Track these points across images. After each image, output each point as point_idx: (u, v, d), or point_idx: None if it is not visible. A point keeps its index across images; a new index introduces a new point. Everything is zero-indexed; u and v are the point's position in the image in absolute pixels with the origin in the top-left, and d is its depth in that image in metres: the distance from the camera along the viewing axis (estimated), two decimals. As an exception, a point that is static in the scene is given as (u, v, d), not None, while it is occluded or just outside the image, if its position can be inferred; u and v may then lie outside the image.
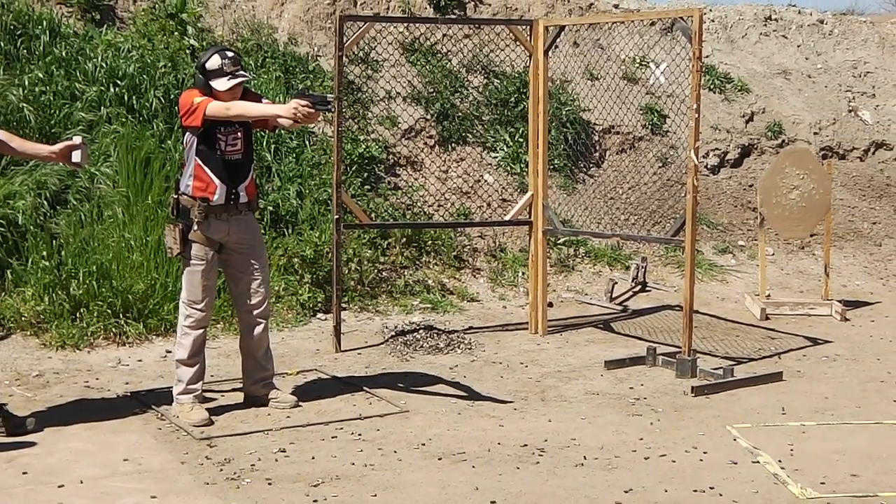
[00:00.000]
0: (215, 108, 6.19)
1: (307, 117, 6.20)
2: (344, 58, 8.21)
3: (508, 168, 10.73)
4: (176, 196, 6.40)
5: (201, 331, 6.46)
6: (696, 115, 7.54)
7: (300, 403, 6.64)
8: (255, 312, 6.56)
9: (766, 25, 14.18)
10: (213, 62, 6.28)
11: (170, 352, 7.53)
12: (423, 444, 6.06)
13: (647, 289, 9.81)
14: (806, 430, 6.49)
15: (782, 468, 5.80)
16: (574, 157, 11.11)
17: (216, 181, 6.30)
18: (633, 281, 9.78)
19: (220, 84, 6.28)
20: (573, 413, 6.72)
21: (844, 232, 11.51)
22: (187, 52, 9.86)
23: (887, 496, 5.43)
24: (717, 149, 12.06)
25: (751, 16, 14.18)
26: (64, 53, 9.35)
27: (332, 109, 7.05)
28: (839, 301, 9.56)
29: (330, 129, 9.28)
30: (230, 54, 6.36)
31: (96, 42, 9.66)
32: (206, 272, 6.39)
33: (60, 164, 6.73)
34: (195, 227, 6.33)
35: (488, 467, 5.75)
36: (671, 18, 10.81)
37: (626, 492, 5.45)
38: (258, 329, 6.59)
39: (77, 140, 6.07)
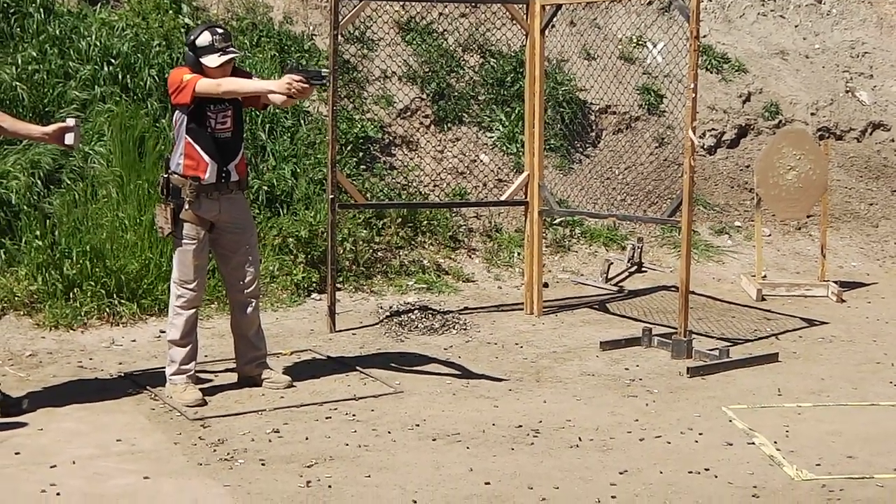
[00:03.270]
0: (205, 84, 6.14)
1: (301, 92, 6.17)
2: (339, 37, 8.16)
3: (504, 148, 10.68)
4: (166, 175, 6.35)
5: (193, 311, 6.43)
6: (694, 95, 7.52)
7: (294, 384, 6.62)
8: (246, 292, 6.54)
9: (763, 5, 14.10)
10: (204, 39, 6.23)
11: (163, 332, 7.48)
12: (418, 425, 6.04)
13: (643, 269, 9.77)
14: (802, 411, 6.48)
15: (778, 449, 5.79)
16: (570, 137, 11.06)
17: (207, 159, 6.26)
18: (628, 262, 9.75)
19: (211, 60, 6.23)
20: (568, 394, 6.71)
21: (841, 213, 11.47)
22: (182, 30, 9.79)
23: (883, 477, 5.42)
24: (713, 129, 12.00)
25: (748, -4, 14.11)
26: (58, 32, 9.28)
27: (327, 84, 7.01)
28: (835, 282, 9.53)
29: (325, 109, 9.23)
30: (220, 31, 6.32)
31: (90, 20, 9.59)
32: (198, 252, 6.35)
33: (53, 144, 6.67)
34: (186, 207, 6.28)
35: (483, 448, 5.74)
36: (668, -2, 10.75)
37: (620, 473, 5.44)
38: (249, 308, 6.56)
39: (71, 122, 6.02)
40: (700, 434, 6.02)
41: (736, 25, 13.64)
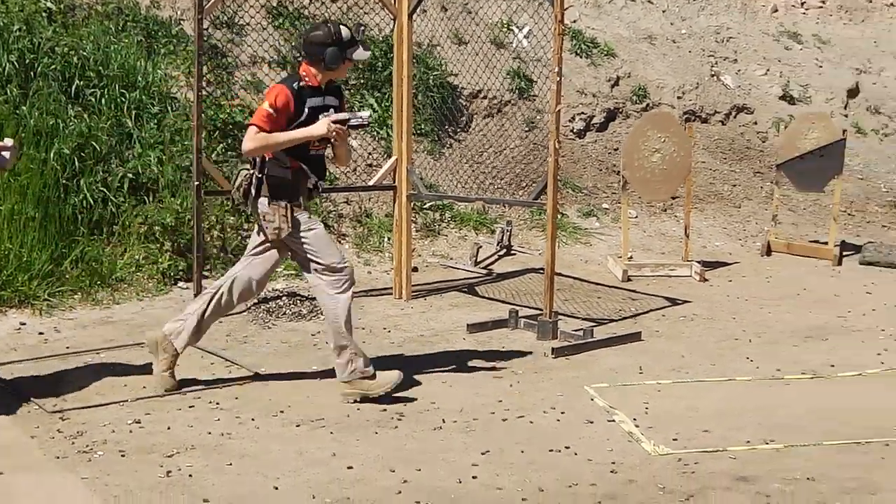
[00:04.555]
0: (258, 141, 6.10)
1: (340, 136, 6.20)
2: (205, 21, 8.07)
3: (375, 133, 10.68)
4: (260, 175, 6.21)
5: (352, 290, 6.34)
6: (558, 79, 7.60)
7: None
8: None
9: (632, -10, 14.34)
10: (346, 33, 6.21)
11: (24, 324, 7.37)
12: (282, 412, 6.03)
13: (513, 252, 9.88)
14: (661, 388, 6.63)
15: (637, 426, 5.91)
16: (441, 121, 11.11)
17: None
18: (498, 245, 9.85)
19: (360, 54, 6.28)
20: (434, 377, 6.75)
21: (705, 194, 11.74)
22: (44, 14, 9.59)
23: (735, 450, 5.58)
24: (582, 113, 12.17)
25: (617, -19, 14.31)
26: None
27: (369, 125, 6.95)
28: (698, 262, 9.75)
29: (192, 95, 9.12)
30: (350, 25, 6.50)
31: (-56, 3, 9.34)
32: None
33: None
34: (299, 201, 6.24)
35: (347, 433, 5.75)
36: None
37: (482, 454, 5.50)
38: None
39: (8, 142, 5.91)
40: (562, 413, 6.11)
41: (605, 10, 13.84)
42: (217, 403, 6.13)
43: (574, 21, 13.30)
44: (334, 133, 6.11)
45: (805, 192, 11.43)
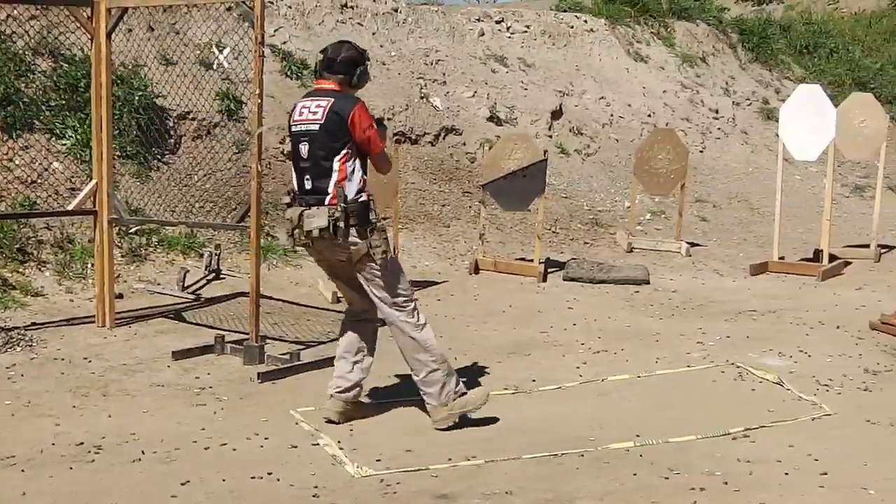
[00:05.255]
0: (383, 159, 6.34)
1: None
2: None
3: (78, 155, 10.32)
4: (345, 205, 6.04)
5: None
6: (259, 101, 7.56)
7: None
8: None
9: (342, 13, 14.44)
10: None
11: None
12: (-31, 451, 5.74)
13: (222, 276, 9.73)
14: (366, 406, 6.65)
15: (341, 448, 5.92)
16: (147, 143, 10.86)
17: None
18: (206, 269, 9.68)
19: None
20: (135, 407, 6.57)
21: (415, 214, 11.91)
22: None
23: (438, 467, 5.66)
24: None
25: (328, 3, 14.38)
26: None
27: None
28: (409, 282, 9.86)
29: None
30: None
31: None
32: None
33: None
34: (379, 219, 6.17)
35: (39, 470, 5.52)
36: (234, 2, 10.74)
37: (182, 483, 5.39)
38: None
39: None
40: (266, 439, 6.06)
41: (315, 32, 13.88)
42: None
43: (284, 42, 13.29)
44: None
45: (511, 212, 11.77)
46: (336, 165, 6.07)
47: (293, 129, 6.30)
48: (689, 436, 6.16)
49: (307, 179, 6.18)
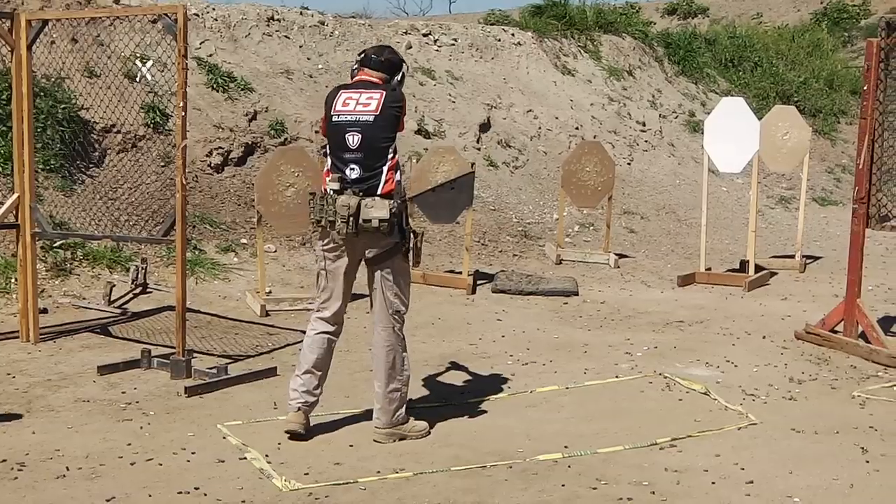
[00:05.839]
0: None
1: None
2: None
3: (1, 169, 10.17)
4: (402, 200, 6.03)
5: None
6: (183, 114, 7.49)
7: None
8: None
9: (269, 25, 14.40)
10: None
11: None
12: None
13: (149, 290, 9.63)
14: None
15: (269, 462, 5.87)
16: (72, 156, 10.72)
17: None
18: (132, 283, 9.57)
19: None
20: (60, 423, 6.46)
21: (346, 227, 11.86)
22: None
23: (366, 480, 5.64)
24: (220, 147, 12.08)
25: (254, 16, 14.33)
26: None
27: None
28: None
29: None
30: None
31: None
32: None
33: None
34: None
35: (-40, 488, 5.42)
36: (156, 14, 10.67)
37: (108, 500, 5.32)
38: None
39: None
40: (193, 453, 5.99)
41: (242, 45, 13.82)
42: None
43: (210, 55, 13.21)
44: None
45: (439, 224, 11.78)
46: (390, 155, 6.07)
47: (336, 118, 6.12)
48: (616, 446, 6.21)
49: (352, 170, 6.06)
